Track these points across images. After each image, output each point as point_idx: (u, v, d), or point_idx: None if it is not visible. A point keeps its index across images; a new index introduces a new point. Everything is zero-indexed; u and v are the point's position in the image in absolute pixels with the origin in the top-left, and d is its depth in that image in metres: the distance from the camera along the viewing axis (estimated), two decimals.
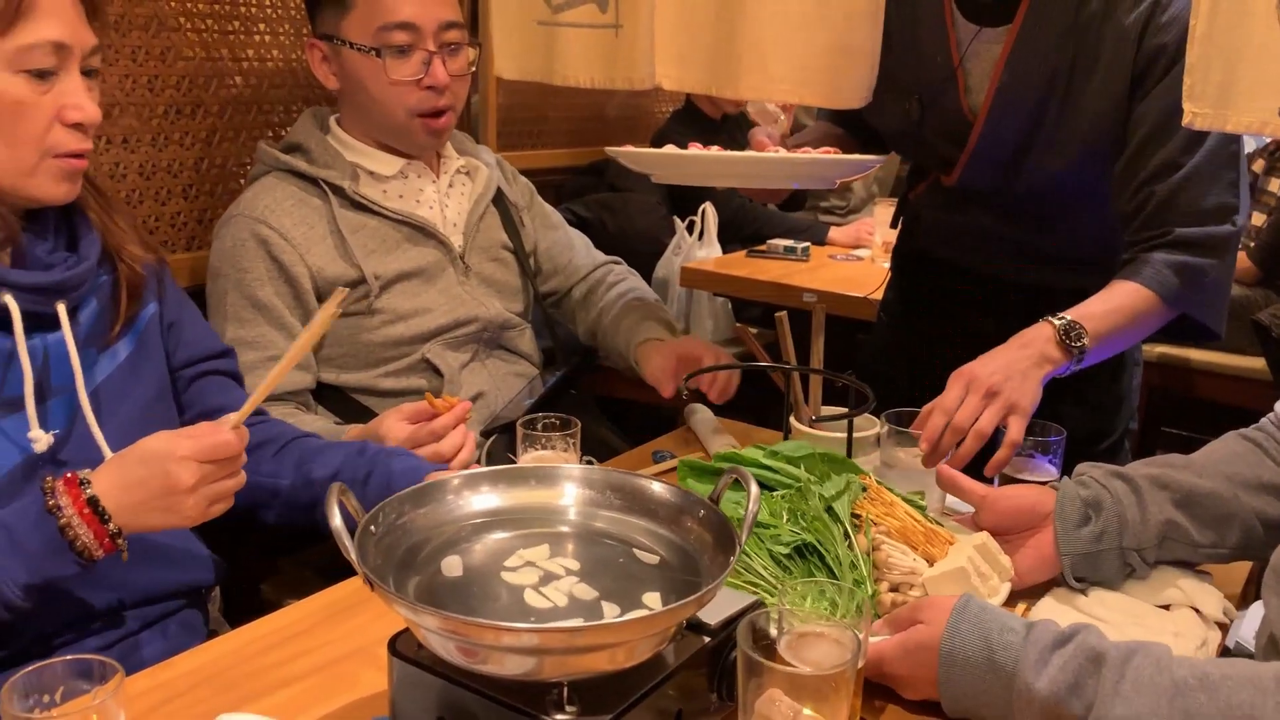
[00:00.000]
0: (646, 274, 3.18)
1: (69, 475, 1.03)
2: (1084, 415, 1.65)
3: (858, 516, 1.16)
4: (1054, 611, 1.15)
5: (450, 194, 1.82)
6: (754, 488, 0.91)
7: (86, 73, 1.13)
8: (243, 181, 2.06)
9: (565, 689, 0.81)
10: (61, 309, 1.14)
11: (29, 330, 1.11)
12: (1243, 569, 1.26)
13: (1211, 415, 3.66)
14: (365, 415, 1.71)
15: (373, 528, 0.88)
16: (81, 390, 1.15)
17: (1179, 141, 1.36)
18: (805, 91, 1.53)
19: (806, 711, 0.83)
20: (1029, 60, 1.43)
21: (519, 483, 0.98)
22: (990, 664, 0.93)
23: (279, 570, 1.73)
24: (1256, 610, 1.08)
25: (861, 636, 0.88)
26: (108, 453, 1.14)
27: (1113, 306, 1.37)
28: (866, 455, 1.46)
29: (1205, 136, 1.35)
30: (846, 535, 1.12)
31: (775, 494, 1.20)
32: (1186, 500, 1.17)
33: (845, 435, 1.44)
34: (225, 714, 0.93)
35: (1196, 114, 1.54)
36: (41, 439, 1.12)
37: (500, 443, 1.74)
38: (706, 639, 0.92)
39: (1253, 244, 3.39)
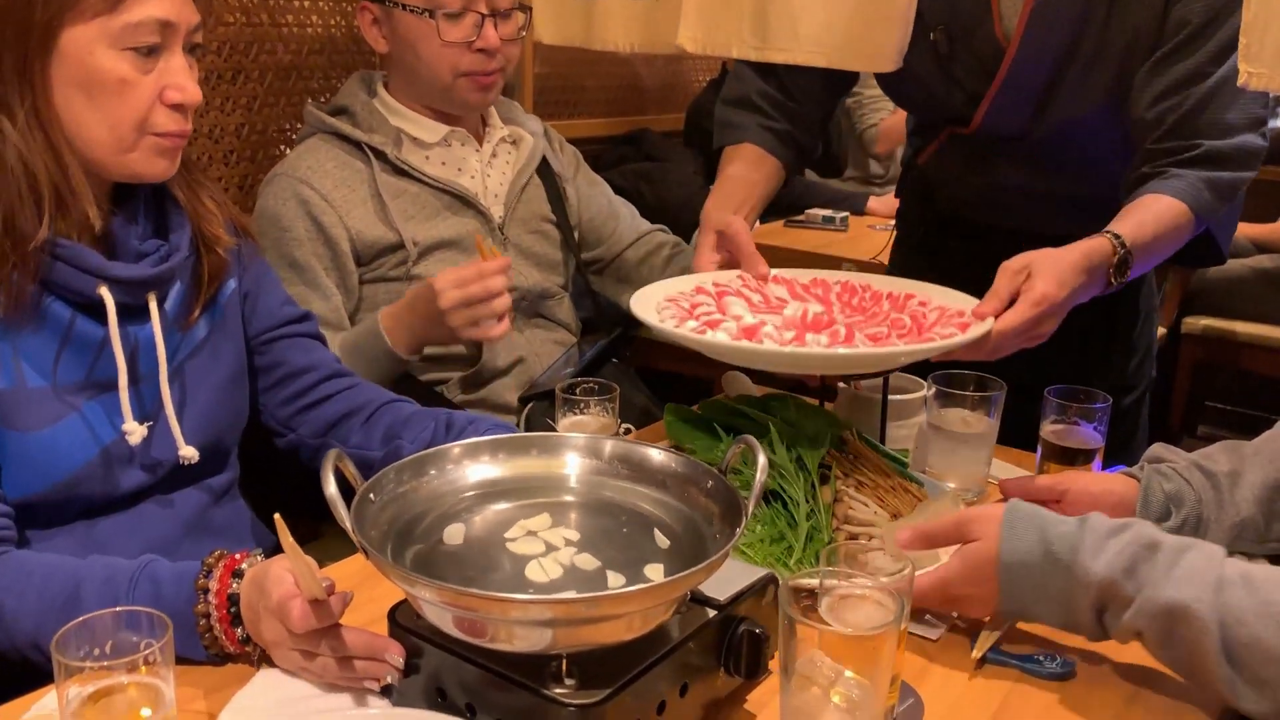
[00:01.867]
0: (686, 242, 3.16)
1: (230, 558, 0.97)
2: (1109, 371, 1.61)
3: (827, 467, 1.16)
4: None
5: (493, 163, 1.81)
6: (761, 457, 0.89)
7: (189, 49, 1.12)
8: (284, 147, 2.07)
9: (565, 661, 0.80)
10: (153, 301, 1.12)
11: (121, 320, 1.10)
12: None
13: (1257, 389, 3.56)
14: (404, 381, 1.71)
15: (372, 496, 0.87)
16: (164, 383, 1.13)
17: (1211, 48, 1.31)
18: (835, 55, 1.48)
19: (848, 673, 0.82)
20: None
21: (522, 452, 0.97)
22: (1049, 556, 0.95)
23: (320, 535, 1.74)
24: None
25: (904, 598, 0.87)
26: (182, 446, 1.14)
27: (1162, 229, 1.30)
28: (913, 417, 1.43)
29: (1235, 47, 1.29)
30: (812, 485, 1.12)
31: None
32: (1263, 496, 1.14)
33: (898, 395, 1.41)
34: (265, 669, 0.94)
35: (1252, 74, 1.47)
36: (136, 431, 1.10)
37: (538, 410, 1.73)
38: (713, 613, 0.90)
39: None
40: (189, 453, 1.15)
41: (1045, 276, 1.20)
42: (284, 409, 1.32)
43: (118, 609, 0.80)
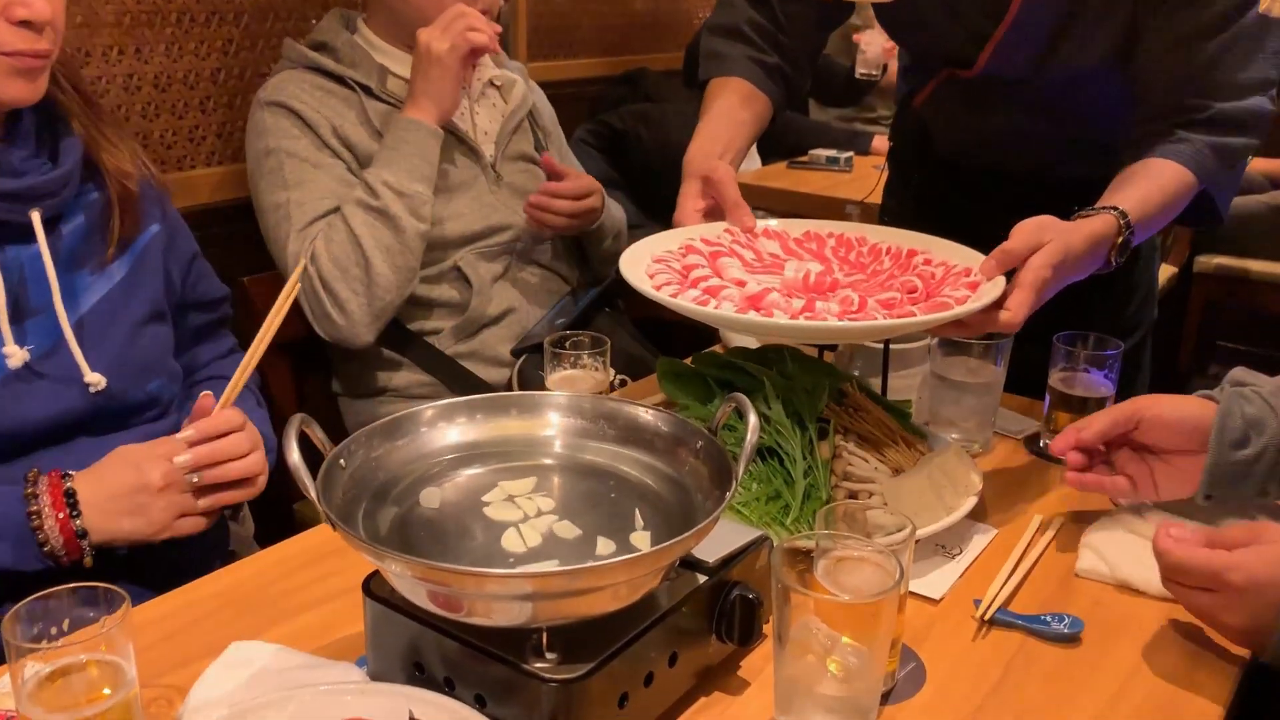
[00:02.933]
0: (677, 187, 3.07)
1: (55, 471, 1.05)
2: (1111, 310, 1.55)
3: (826, 421, 1.11)
4: (1110, 543, 1.08)
5: (481, 104, 1.75)
6: (752, 417, 0.84)
7: None
8: None
9: (545, 634, 0.76)
10: (36, 218, 1.10)
11: (2, 242, 1.08)
12: None
13: (1271, 328, 3.49)
14: (391, 326, 1.66)
15: (341, 462, 0.82)
16: (59, 306, 1.12)
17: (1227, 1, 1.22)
18: None
19: (845, 640, 0.79)
20: None
21: (501, 412, 0.92)
22: None
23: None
24: None
25: (904, 562, 0.82)
26: (87, 373, 1.13)
27: (1166, 200, 1.22)
28: (916, 366, 1.38)
29: (1253, 2, 1.21)
30: (810, 441, 1.07)
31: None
32: None
33: (900, 344, 1.35)
34: (237, 642, 0.90)
35: (1276, 2, 1.40)
36: (16, 354, 1.09)
37: (531, 363, 1.69)
38: (703, 578, 0.86)
39: None
40: (95, 379, 1.14)
41: (1045, 255, 1.10)
42: None
43: (72, 585, 0.76)
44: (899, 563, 0.81)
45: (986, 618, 0.98)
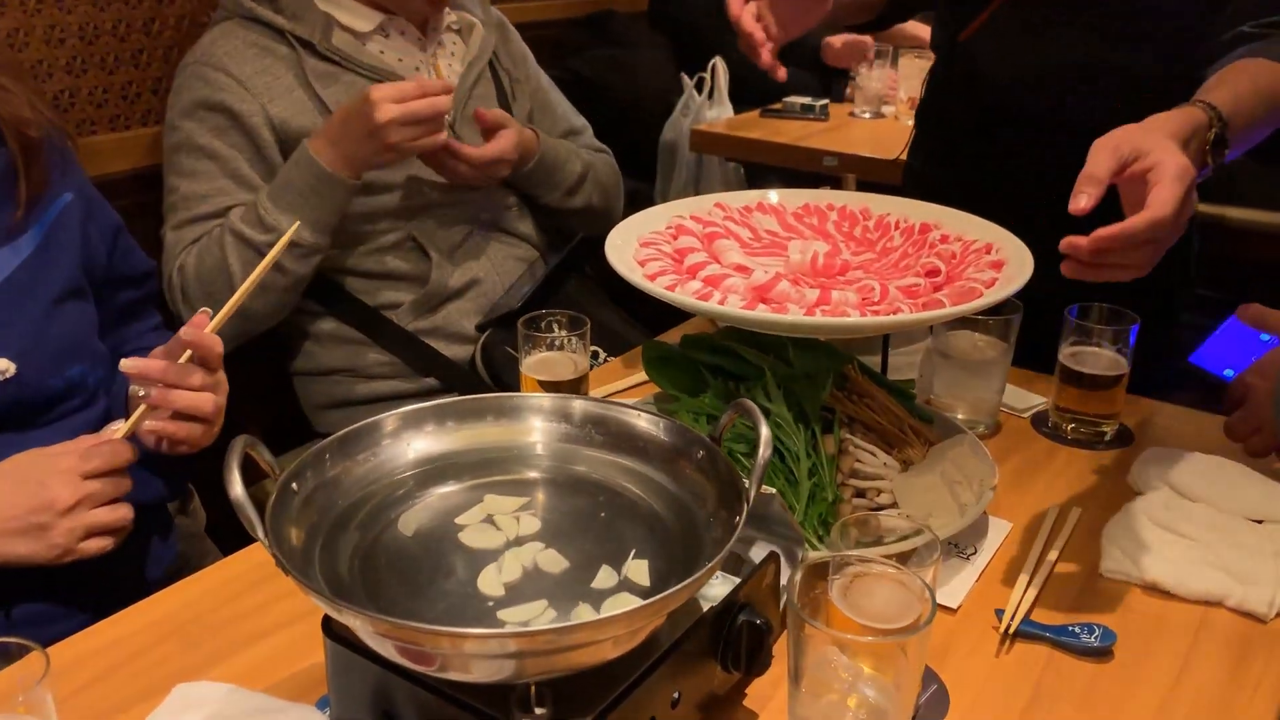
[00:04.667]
0: (653, 137, 2.94)
1: None
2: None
3: (829, 411, 1.02)
4: (1132, 528, 1.01)
5: (439, 54, 1.61)
6: (764, 430, 0.74)
7: None
8: None
9: (534, 687, 0.66)
10: None
11: None
12: None
13: (1249, 274, 3.44)
14: (347, 301, 1.54)
15: (294, 486, 0.72)
16: None
17: None
18: None
19: (867, 671, 0.71)
20: None
21: (474, 418, 0.81)
22: None
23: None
24: None
25: (929, 577, 0.73)
26: None
27: (1264, 99, 1.04)
28: (917, 343, 1.29)
29: None
30: (813, 435, 0.98)
31: (739, 387, 1.05)
32: None
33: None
34: (183, 684, 0.80)
35: None
36: None
37: (497, 337, 1.57)
38: (707, 606, 0.77)
39: None
40: (2, 365, 1.02)
41: (1165, 150, 0.89)
42: None
43: None
44: (927, 587, 0.73)
45: (1011, 631, 0.89)
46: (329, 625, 0.74)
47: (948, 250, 1.06)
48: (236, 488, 0.65)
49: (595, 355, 1.64)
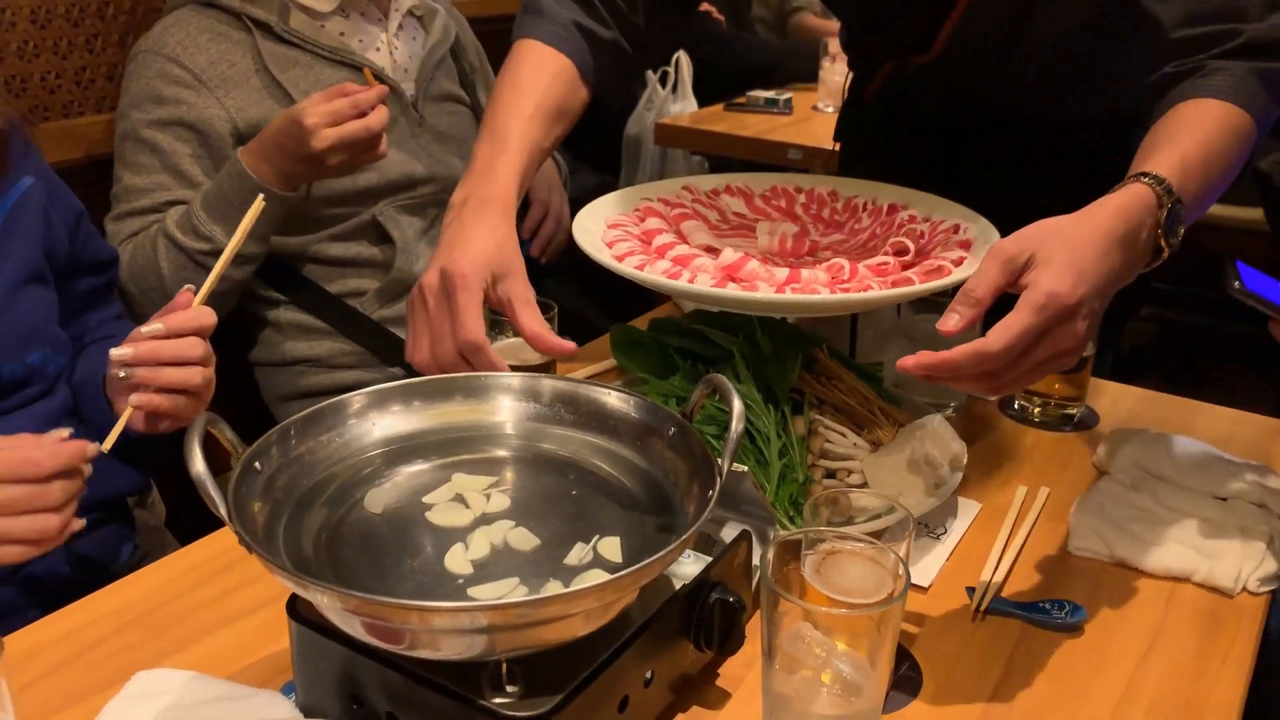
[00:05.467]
0: (617, 131, 2.93)
1: None
2: None
3: (799, 392, 1.01)
4: (1100, 507, 1.02)
5: (400, 37, 1.59)
6: (736, 403, 0.73)
7: None
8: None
9: (505, 664, 0.65)
10: None
11: None
12: None
13: (1200, 267, 3.49)
14: (307, 288, 1.52)
15: (257, 465, 0.70)
16: None
17: None
18: None
19: (841, 647, 0.70)
20: None
21: (442, 398, 0.80)
22: None
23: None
24: None
25: (902, 553, 0.73)
26: None
27: (1217, 149, 0.91)
28: (886, 325, 1.28)
29: None
30: (783, 417, 0.97)
31: (708, 369, 1.04)
32: None
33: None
34: (142, 671, 0.78)
35: None
36: None
37: None
38: (679, 583, 0.76)
39: None
40: None
41: (1053, 267, 0.79)
42: None
43: None
44: (900, 561, 0.72)
45: (983, 608, 0.89)
46: (294, 607, 0.72)
47: (915, 230, 1.06)
48: (198, 464, 0.63)
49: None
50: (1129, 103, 1.06)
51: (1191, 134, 0.92)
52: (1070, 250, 0.80)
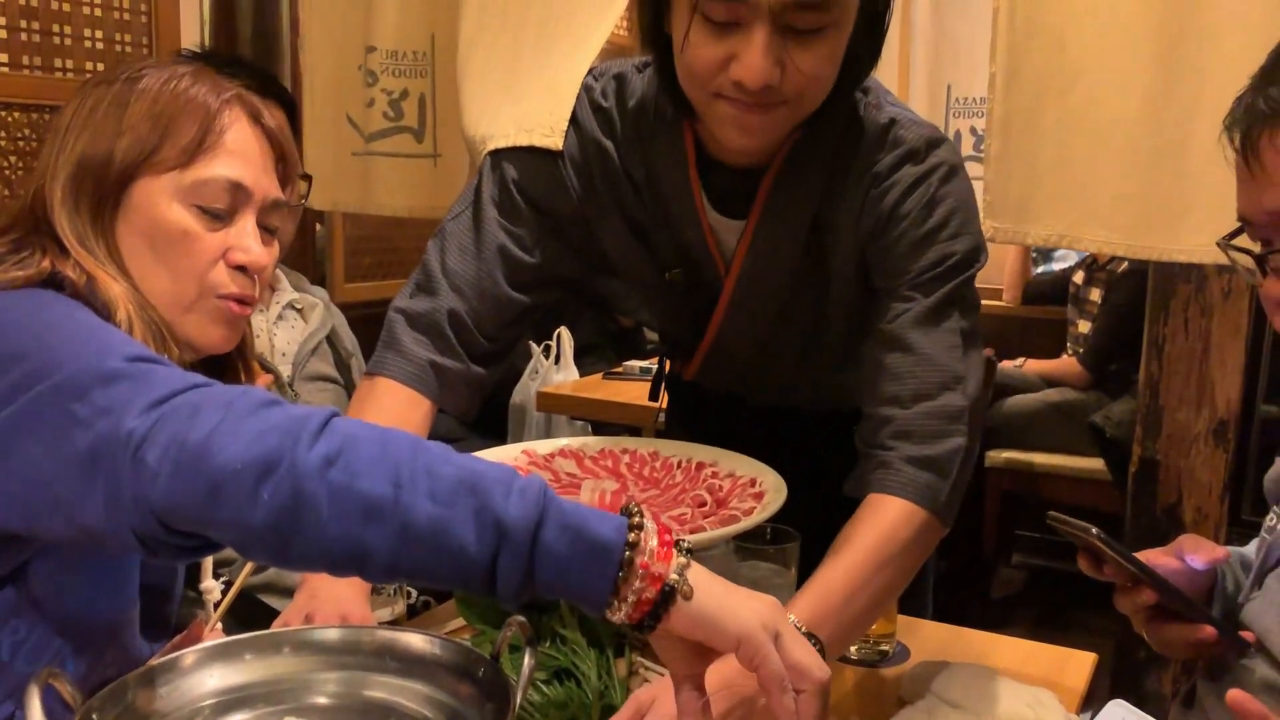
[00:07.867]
0: (504, 399, 3.12)
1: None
2: None
3: (623, 636, 1.11)
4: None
5: (279, 326, 1.76)
6: (528, 658, 0.84)
7: (267, 229, 1.07)
8: None
9: None
10: None
11: None
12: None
13: (1039, 513, 3.73)
14: None
15: (95, 717, 0.77)
16: None
17: (910, 317, 1.15)
18: None
19: None
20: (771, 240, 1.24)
21: (271, 651, 0.88)
22: None
23: None
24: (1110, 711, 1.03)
25: None
26: None
27: (870, 564, 1.05)
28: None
29: (939, 313, 1.15)
30: (606, 659, 1.07)
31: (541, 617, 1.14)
32: None
33: (698, 551, 1.37)
34: None
35: (997, 229, 1.58)
36: None
37: None
38: None
39: (1081, 350, 3.54)
40: None
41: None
42: None
43: None
44: None
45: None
46: None
47: (717, 485, 1.21)
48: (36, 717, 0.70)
49: (426, 605, 1.70)
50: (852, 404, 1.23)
51: (848, 553, 1.05)
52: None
